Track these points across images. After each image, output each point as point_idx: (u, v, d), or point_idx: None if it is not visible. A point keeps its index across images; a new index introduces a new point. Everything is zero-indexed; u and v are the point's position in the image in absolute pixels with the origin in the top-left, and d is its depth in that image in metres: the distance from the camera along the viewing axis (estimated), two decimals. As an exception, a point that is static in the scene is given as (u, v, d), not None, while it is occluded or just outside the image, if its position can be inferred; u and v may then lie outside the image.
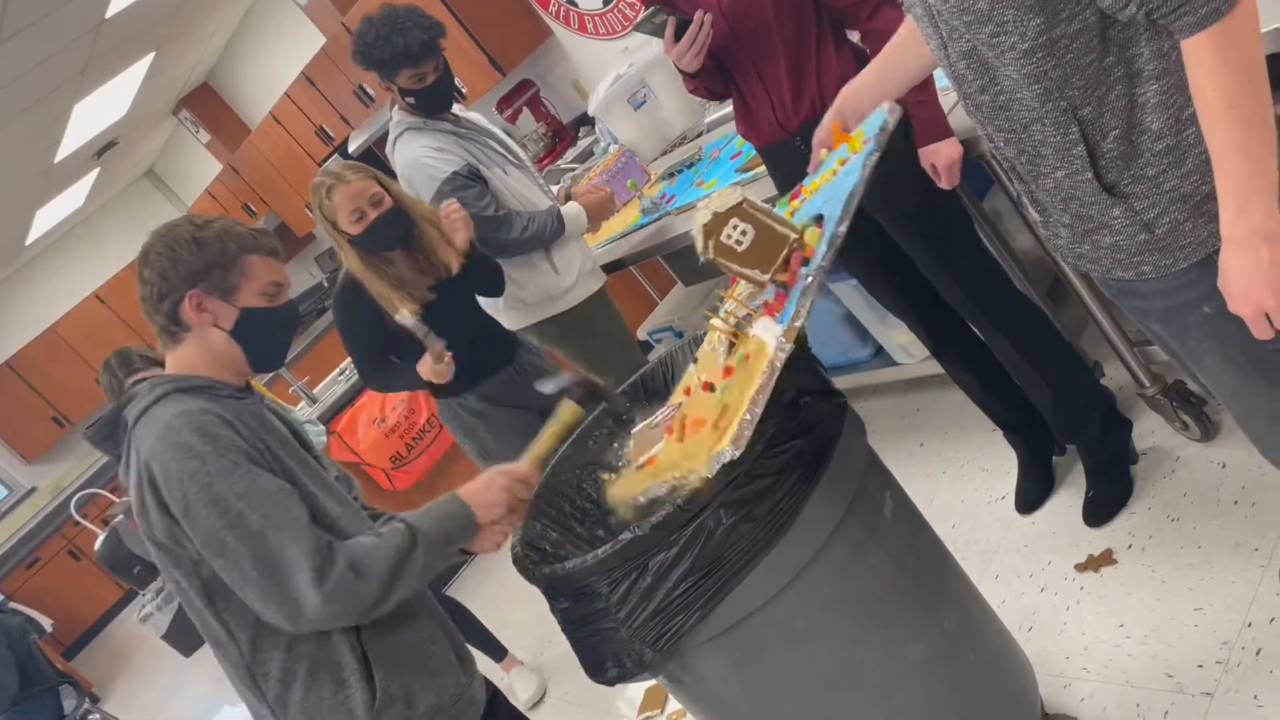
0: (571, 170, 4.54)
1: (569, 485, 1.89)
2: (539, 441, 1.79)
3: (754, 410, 1.37)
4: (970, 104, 1.42)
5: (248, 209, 8.31)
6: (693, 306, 4.01)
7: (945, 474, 2.85)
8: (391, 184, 2.65)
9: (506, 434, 2.77)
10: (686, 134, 4.16)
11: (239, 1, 6.84)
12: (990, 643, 1.81)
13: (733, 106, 2.41)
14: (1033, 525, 2.49)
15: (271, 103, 6.98)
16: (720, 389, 1.53)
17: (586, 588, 1.49)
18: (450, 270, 2.66)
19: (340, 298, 2.71)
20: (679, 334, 3.99)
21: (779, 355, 1.40)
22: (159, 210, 10.02)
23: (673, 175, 3.71)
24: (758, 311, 1.55)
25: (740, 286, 1.68)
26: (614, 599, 1.46)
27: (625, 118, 4.18)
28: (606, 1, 4.59)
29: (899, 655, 1.64)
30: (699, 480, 1.42)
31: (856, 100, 1.75)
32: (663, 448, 1.63)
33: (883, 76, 1.73)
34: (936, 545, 1.82)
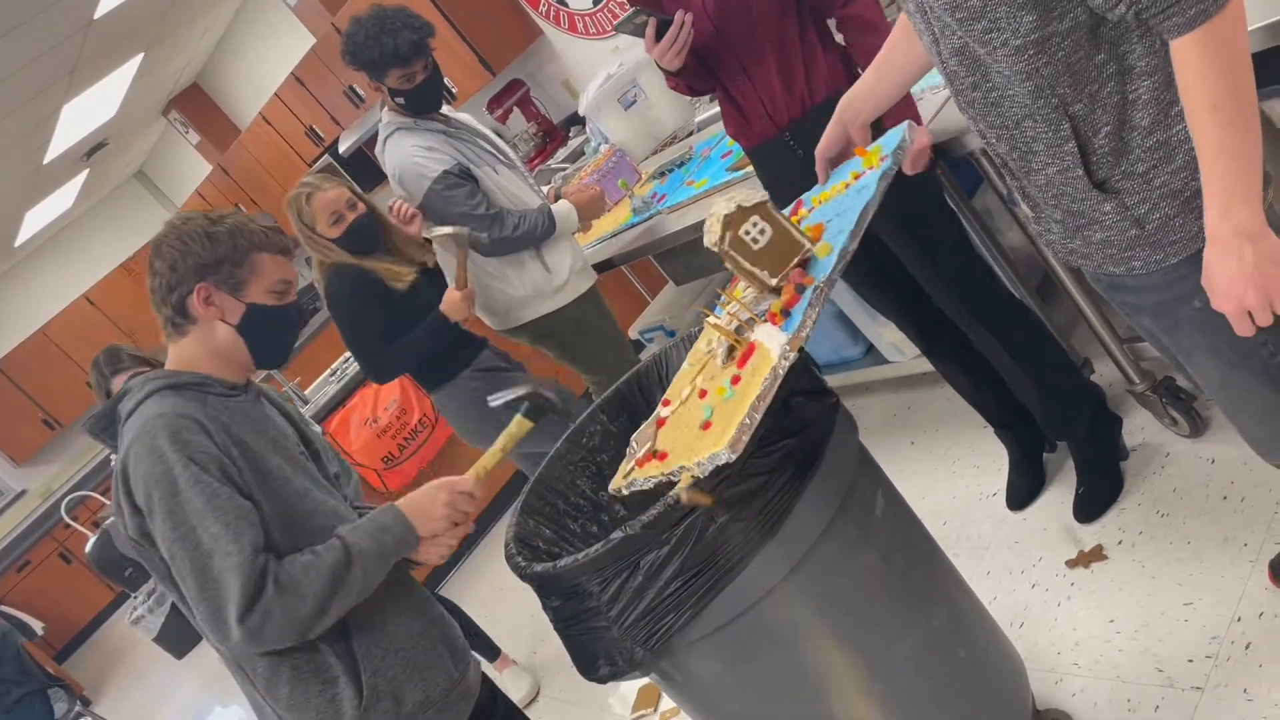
0: (562, 170, 4.54)
1: (563, 482, 1.90)
2: (486, 455, 1.80)
3: (753, 415, 1.37)
4: (962, 100, 1.43)
5: (238, 210, 8.29)
6: (684, 306, 4.02)
7: (936, 471, 2.85)
8: (361, 192, 2.83)
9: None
10: (677, 133, 4.16)
11: (229, 2, 6.83)
12: (981, 639, 1.81)
13: (720, 107, 2.41)
14: (1024, 521, 2.49)
15: (261, 103, 6.97)
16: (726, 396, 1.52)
17: (577, 586, 1.49)
18: (424, 264, 2.85)
19: (338, 291, 2.75)
20: (671, 333, 3.99)
21: (782, 364, 1.40)
22: (149, 212, 10.00)
23: (664, 174, 3.71)
24: (761, 317, 1.55)
25: (740, 289, 1.67)
26: (605, 597, 1.46)
27: (616, 117, 4.18)
28: (596, 1, 4.59)
29: (890, 652, 1.64)
30: (690, 479, 1.42)
31: (857, 108, 1.75)
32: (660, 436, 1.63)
33: (880, 81, 1.74)
34: (928, 543, 1.83)
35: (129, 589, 6.29)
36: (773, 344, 1.45)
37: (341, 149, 6.03)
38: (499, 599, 3.85)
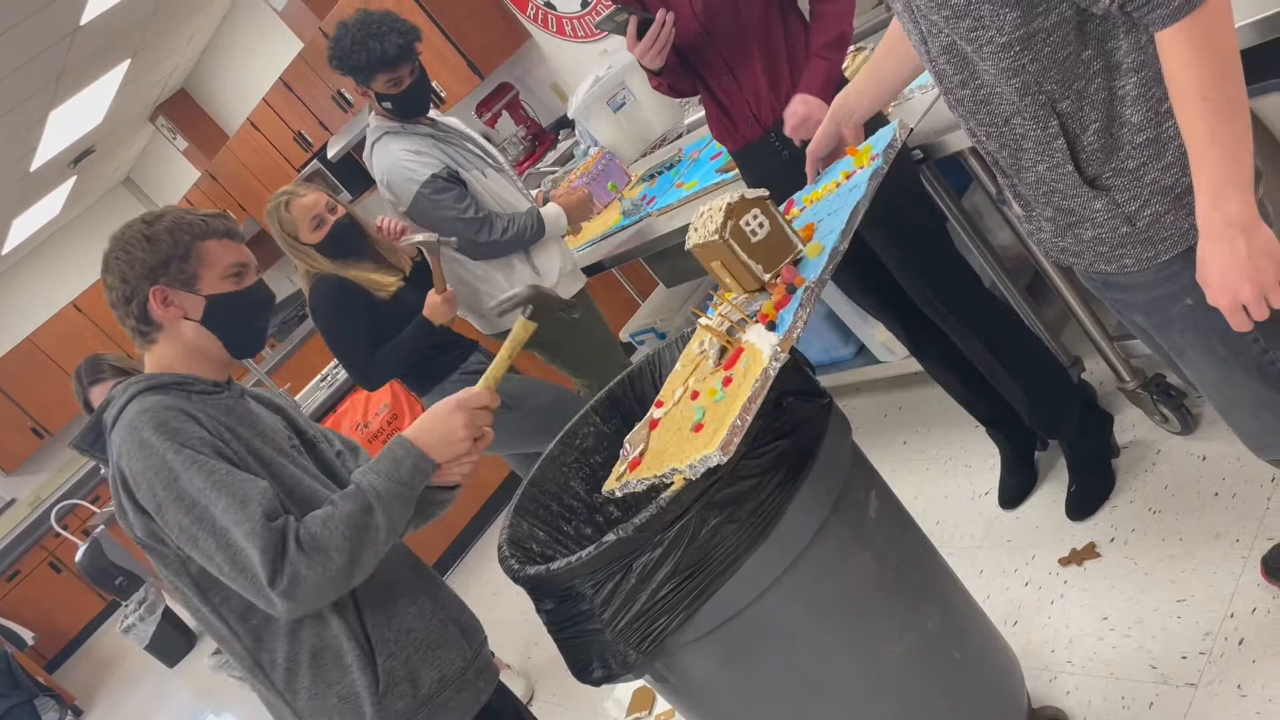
0: (552, 173, 4.54)
1: (556, 483, 1.89)
2: (495, 363, 1.75)
3: (745, 417, 1.37)
4: (951, 99, 1.43)
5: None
6: (674, 308, 4.01)
7: (929, 471, 2.86)
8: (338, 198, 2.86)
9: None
10: (666, 135, 4.16)
11: (215, 7, 6.81)
12: (976, 639, 1.81)
13: (705, 110, 2.41)
14: (1016, 520, 2.50)
15: (249, 109, 6.95)
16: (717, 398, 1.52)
17: (570, 589, 1.49)
18: (405, 270, 2.86)
19: (322, 301, 2.75)
20: (661, 335, 3.99)
21: (773, 365, 1.40)
22: (137, 218, 9.94)
23: (653, 177, 3.71)
24: (752, 318, 1.55)
25: (733, 291, 1.67)
26: (598, 600, 1.46)
27: (605, 120, 4.18)
28: (584, 4, 4.59)
29: (885, 653, 1.63)
30: (682, 481, 1.42)
31: (850, 107, 1.75)
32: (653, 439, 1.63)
33: (873, 83, 1.74)
34: (921, 543, 1.82)
35: (120, 598, 6.25)
36: (764, 345, 1.45)
37: (330, 154, 6.02)
38: (492, 602, 3.84)
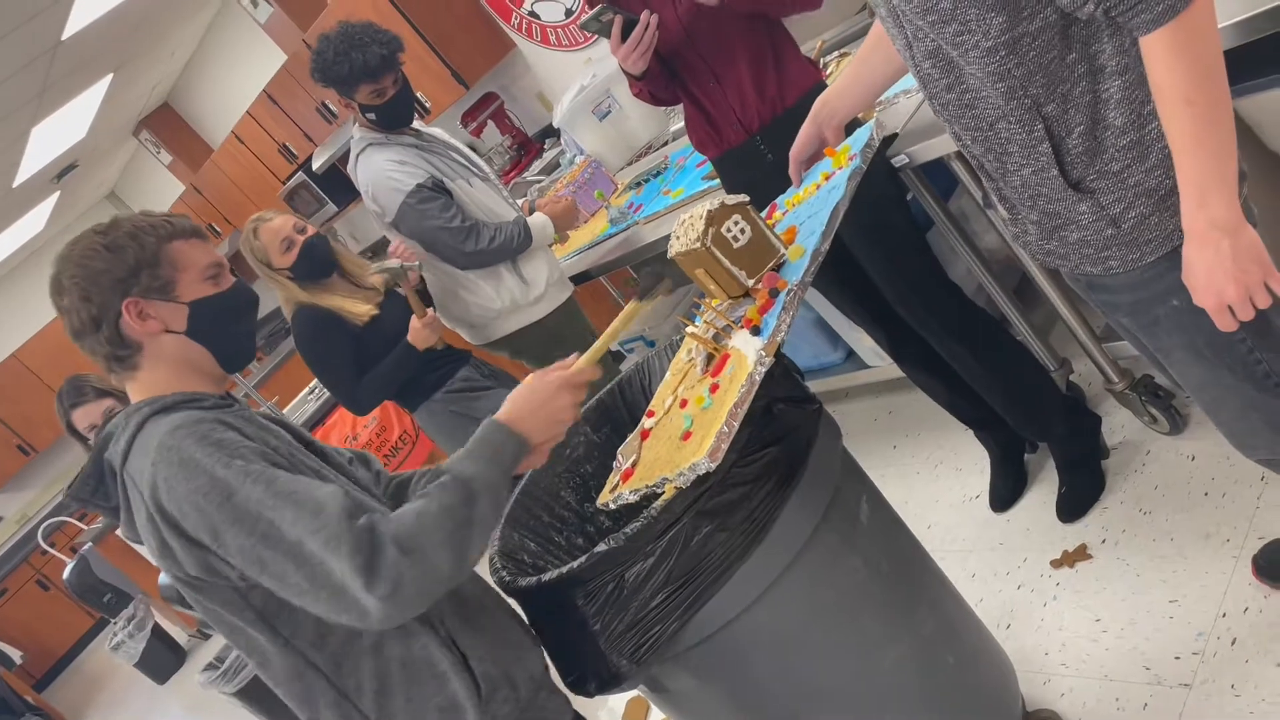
0: (538, 182, 4.53)
1: (547, 494, 1.88)
2: (602, 338, 1.62)
3: (731, 423, 1.37)
4: (936, 103, 1.43)
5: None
6: (663, 316, 4.01)
7: (919, 475, 2.86)
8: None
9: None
10: (652, 143, 4.16)
11: (198, 21, 6.79)
12: (970, 644, 1.81)
13: (685, 118, 2.39)
14: (1007, 523, 2.50)
15: (233, 122, 6.92)
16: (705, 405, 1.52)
17: (562, 600, 1.48)
18: (379, 289, 2.91)
19: (304, 330, 2.80)
20: (650, 343, 3.99)
21: (758, 369, 1.40)
22: (121, 233, 9.89)
23: (639, 185, 3.71)
24: (737, 324, 1.55)
25: (718, 298, 1.67)
26: (590, 611, 1.45)
27: (590, 129, 4.18)
28: (569, 13, 4.59)
29: (878, 659, 1.63)
30: (672, 490, 1.41)
31: (832, 108, 1.75)
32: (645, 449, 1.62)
33: (855, 84, 1.74)
34: (913, 547, 1.82)
35: (108, 615, 6.22)
36: (749, 350, 1.45)
37: (315, 165, 5.99)
38: (484, 615, 3.82)
